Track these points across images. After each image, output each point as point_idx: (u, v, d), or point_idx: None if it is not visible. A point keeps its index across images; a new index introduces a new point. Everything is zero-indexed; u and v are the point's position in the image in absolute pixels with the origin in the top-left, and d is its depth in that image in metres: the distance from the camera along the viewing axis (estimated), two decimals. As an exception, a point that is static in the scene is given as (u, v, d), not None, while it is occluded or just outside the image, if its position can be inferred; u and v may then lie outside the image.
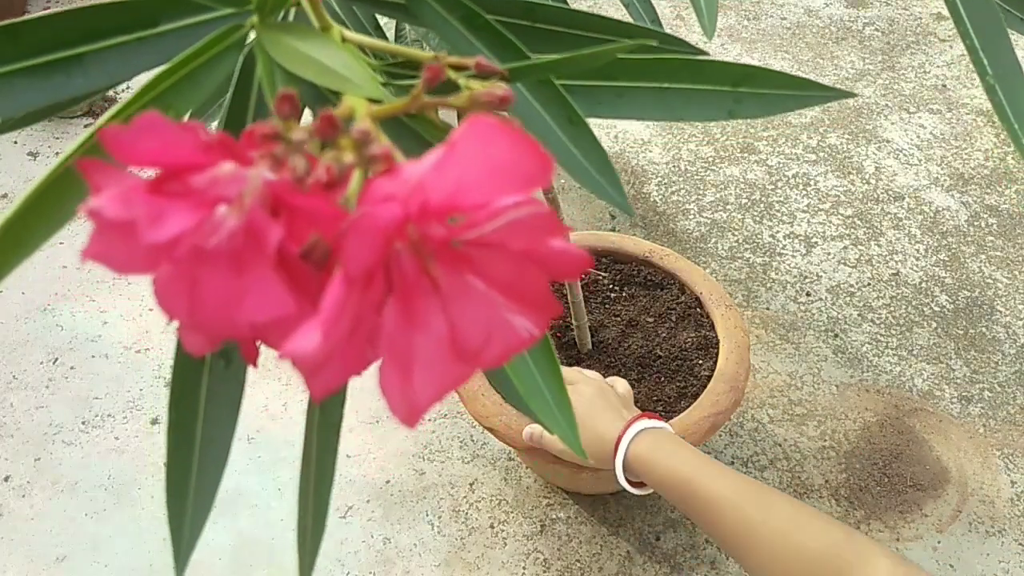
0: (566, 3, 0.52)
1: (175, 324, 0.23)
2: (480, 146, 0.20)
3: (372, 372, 0.23)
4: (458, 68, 0.27)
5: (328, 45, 0.27)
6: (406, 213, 0.20)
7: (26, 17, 0.29)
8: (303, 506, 0.36)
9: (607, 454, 0.75)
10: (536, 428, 0.85)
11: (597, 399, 0.79)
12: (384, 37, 0.44)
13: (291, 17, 0.36)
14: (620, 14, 0.54)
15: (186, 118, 0.30)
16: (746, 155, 1.52)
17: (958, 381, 1.17)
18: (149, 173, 0.21)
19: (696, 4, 0.47)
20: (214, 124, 0.32)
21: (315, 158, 0.22)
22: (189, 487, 0.34)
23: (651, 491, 0.75)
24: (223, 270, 0.21)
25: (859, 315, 1.25)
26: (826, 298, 1.28)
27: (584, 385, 0.82)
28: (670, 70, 0.33)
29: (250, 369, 0.35)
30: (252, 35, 0.30)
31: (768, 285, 1.30)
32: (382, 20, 0.44)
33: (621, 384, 0.87)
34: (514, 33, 0.34)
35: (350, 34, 0.28)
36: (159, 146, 0.20)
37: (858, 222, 1.39)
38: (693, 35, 1.81)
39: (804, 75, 1.78)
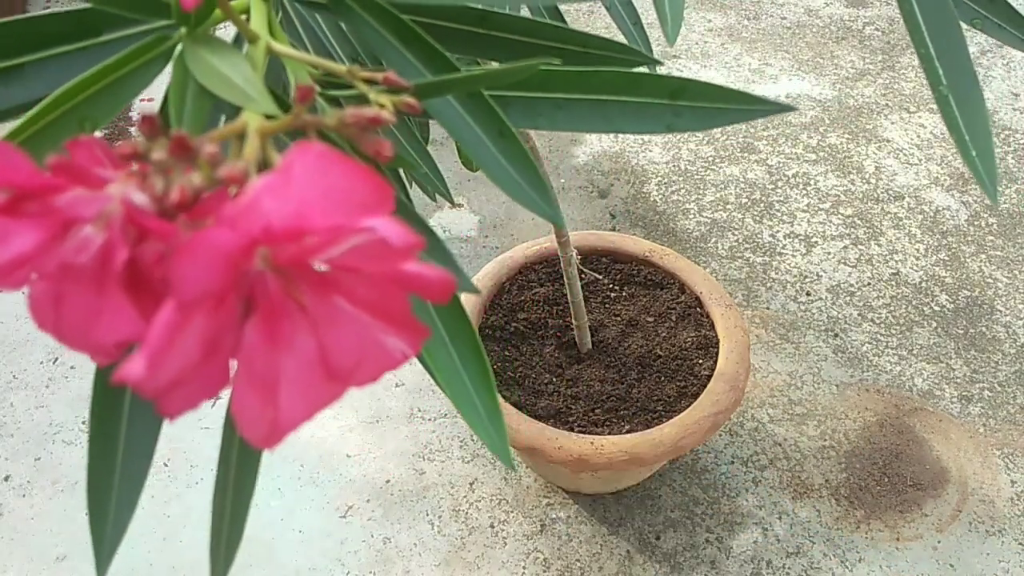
0: (560, 14, 0.52)
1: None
2: (314, 173, 0.20)
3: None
4: (370, 82, 0.27)
5: (237, 59, 0.27)
6: (248, 237, 0.20)
7: None
8: (216, 531, 0.35)
9: None
10: None
11: None
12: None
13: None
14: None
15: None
16: (746, 155, 1.52)
17: (958, 381, 1.17)
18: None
19: (660, 11, 0.45)
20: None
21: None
22: (112, 489, 0.34)
23: None
24: (83, 289, 0.21)
25: (859, 315, 1.25)
26: (826, 298, 1.28)
27: None
28: (606, 82, 0.32)
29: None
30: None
31: (768, 285, 1.30)
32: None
33: None
34: (468, 41, 0.33)
35: (278, 46, 0.28)
36: (4, 169, 0.20)
37: (858, 222, 1.39)
38: (693, 33, 1.81)
39: (804, 75, 1.78)
